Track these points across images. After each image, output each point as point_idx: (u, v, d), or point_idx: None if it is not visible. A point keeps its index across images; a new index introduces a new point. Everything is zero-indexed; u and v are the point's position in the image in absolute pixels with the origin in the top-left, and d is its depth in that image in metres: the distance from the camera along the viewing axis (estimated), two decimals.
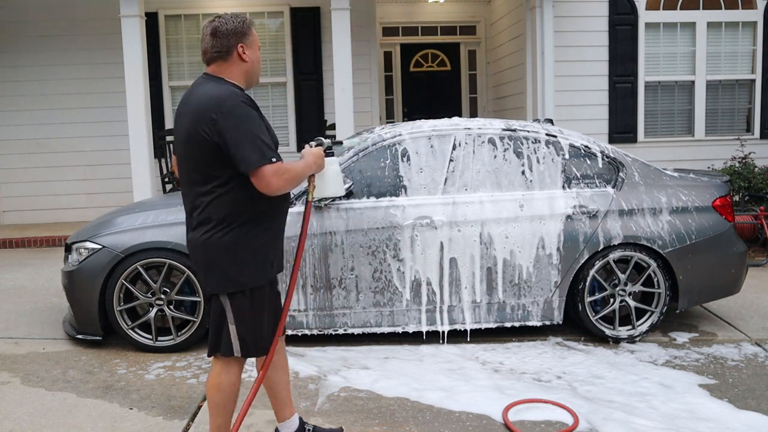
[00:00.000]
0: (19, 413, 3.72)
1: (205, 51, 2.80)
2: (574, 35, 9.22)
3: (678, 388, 3.96)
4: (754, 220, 7.22)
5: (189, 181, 2.78)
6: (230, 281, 2.77)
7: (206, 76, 2.82)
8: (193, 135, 2.69)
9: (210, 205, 2.73)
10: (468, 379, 4.11)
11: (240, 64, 2.81)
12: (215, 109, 2.64)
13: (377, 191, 4.67)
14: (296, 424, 3.21)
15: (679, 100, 9.52)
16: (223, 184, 2.71)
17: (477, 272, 4.64)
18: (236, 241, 2.75)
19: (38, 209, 9.50)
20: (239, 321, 2.81)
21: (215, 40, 2.77)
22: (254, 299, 2.82)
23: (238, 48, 2.78)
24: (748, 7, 9.36)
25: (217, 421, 2.92)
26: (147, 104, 7.64)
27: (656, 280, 4.77)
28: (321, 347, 4.66)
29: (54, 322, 5.28)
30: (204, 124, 2.65)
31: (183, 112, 2.77)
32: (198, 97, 2.72)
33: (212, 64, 2.81)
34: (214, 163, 2.68)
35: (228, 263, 2.75)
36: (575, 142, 4.88)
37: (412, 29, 12.10)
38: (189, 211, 2.83)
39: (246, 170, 2.64)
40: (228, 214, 2.73)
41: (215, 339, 2.86)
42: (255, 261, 2.79)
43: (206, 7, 9.56)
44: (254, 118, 2.69)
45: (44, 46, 9.33)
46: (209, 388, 2.90)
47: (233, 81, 2.80)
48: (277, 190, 2.68)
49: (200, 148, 2.68)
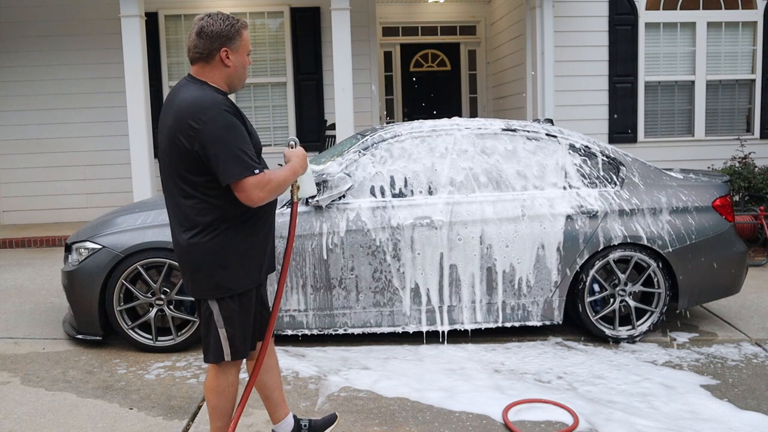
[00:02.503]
0: (19, 413, 3.72)
1: (189, 49, 2.73)
2: (574, 35, 9.22)
3: (679, 389, 3.96)
4: (754, 220, 7.22)
5: (171, 186, 2.70)
6: (217, 286, 2.72)
7: (189, 78, 2.74)
8: (173, 142, 2.61)
9: (194, 209, 2.66)
10: (468, 379, 4.11)
11: (222, 69, 2.71)
12: (196, 117, 2.55)
13: (377, 191, 4.67)
14: (291, 424, 3.20)
15: (679, 100, 9.52)
16: (206, 189, 2.63)
17: (477, 272, 4.64)
18: (223, 245, 2.68)
19: (38, 209, 9.50)
20: (228, 324, 2.76)
21: (199, 40, 2.68)
22: (243, 302, 2.78)
23: (222, 52, 2.68)
24: (748, 7, 9.36)
25: (216, 423, 2.92)
26: (147, 104, 7.64)
27: (656, 280, 4.76)
28: (321, 347, 4.66)
29: (54, 322, 5.28)
30: (184, 133, 2.57)
31: (164, 115, 2.69)
32: (179, 102, 2.63)
33: (195, 65, 2.73)
34: (196, 170, 2.61)
35: (215, 268, 2.69)
36: (575, 142, 4.88)
37: (412, 29, 12.10)
38: (173, 216, 2.75)
39: (227, 182, 2.56)
40: (213, 219, 2.66)
41: (206, 344, 2.83)
42: (242, 265, 2.73)
43: (206, 7, 9.55)
44: (236, 127, 2.59)
45: (44, 46, 9.33)
46: (207, 391, 2.89)
47: (215, 84, 2.71)
48: (259, 202, 2.61)
49: (180, 154, 2.60)
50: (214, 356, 2.81)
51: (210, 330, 2.79)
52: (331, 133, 9.15)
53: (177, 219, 2.72)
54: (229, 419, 2.93)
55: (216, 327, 2.77)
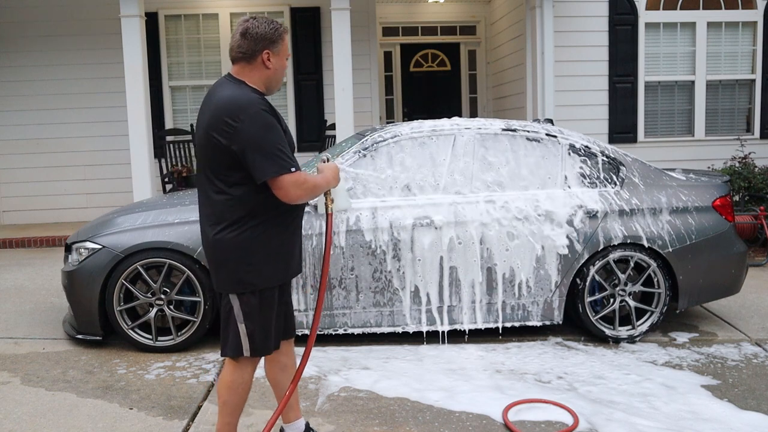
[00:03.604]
0: (19, 413, 3.71)
1: (231, 48, 2.82)
2: (574, 35, 9.22)
3: (680, 389, 3.96)
4: (754, 220, 7.22)
5: (204, 180, 2.79)
6: (239, 282, 2.77)
7: (228, 77, 2.83)
8: (209, 138, 2.69)
9: (223, 205, 2.73)
10: (468, 379, 4.11)
11: (262, 70, 2.80)
12: (233, 115, 2.63)
13: (377, 191, 4.67)
14: (302, 428, 3.21)
15: (679, 100, 9.52)
16: (239, 186, 2.71)
17: (477, 272, 4.64)
18: (248, 241, 2.74)
19: (38, 209, 9.50)
20: (249, 319, 2.81)
21: (243, 40, 2.77)
22: (263, 299, 2.82)
23: (264, 54, 2.78)
24: (748, 7, 9.36)
25: (225, 420, 2.92)
26: (147, 104, 7.63)
27: (656, 280, 4.76)
28: (321, 347, 4.66)
29: (54, 322, 5.27)
30: (220, 130, 2.65)
31: (202, 113, 2.78)
32: (216, 100, 2.71)
33: (236, 64, 2.83)
34: (229, 167, 2.69)
35: (239, 263, 2.75)
36: (575, 142, 4.88)
37: (412, 29, 12.10)
38: (202, 210, 2.84)
39: (263, 179, 2.65)
40: (241, 215, 2.73)
41: (224, 338, 2.87)
42: (267, 263, 2.78)
43: (206, 7, 9.56)
44: (273, 127, 2.68)
45: (44, 46, 9.33)
46: (220, 386, 2.90)
47: (254, 85, 2.79)
48: (296, 199, 2.70)
49: (215, 151, 2.68)
50: (232, 350, 2.84)
51: (229, 324, 2.84)
52: (331, 133, 9.15)
53: (206, 213, 2.81)
54: (238, 417, 2.94)
55: (236, 322, 2.81)
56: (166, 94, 9.62)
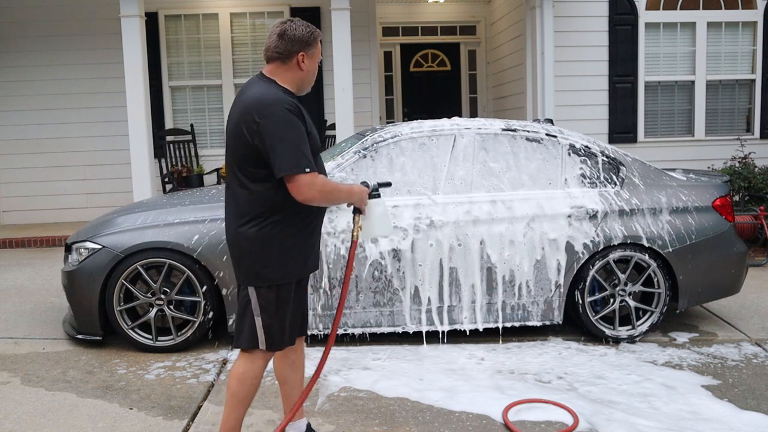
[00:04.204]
0: (19, 413, 3.72)
1: (268, 48, 2.89)
2: (574, 35, 9.22)
3: (680, 389, 3.96)
4: (754, 220, 7.22)
5: (231, 175, 2.86)
6: (258, 276, 2.82)
7: (260, 76, 2.90)
8: (236, 133, 2.77)
9: (247, 199, 2.79)
10: (468, 379, 4.11)
11: (296, 71, 2.89)
12: (259, 112, 2.71)
13: (377, 191, 4.66)
14: (303, 428, 3.22)
15: (679, 100, 9.52)
16: (262, 182, 2.77)
17: (477, 272, 4.64)
18: (268, 237, 2.80)
19: (38, 209, 9.50)
20: (265, 313, 2.85)
21: (280, 41, 2.85)
22: (280, 293, 2.86)
23: (299, 55, 2.86)
24: (748, 7, 9.36)
25: (231, 413, 2.93)
26: (147, 104, 7.63)
27: (656, 280, 4.76)
28: (321, 347, 4.66)
29: (54, 322, 5.27)
30: (247, 126, 2.72)
31: (233, 110, 2.86)
32: (246, 98, 2.79)
33: (270, 64, 2.89)
34: (254, 162, 2.75)
35: (256, 257, 2.80)
36: (575, 142, 4.88)
37: (412, 29, 12.10)
38: (228, 204, 2.90)
39: (279, 175, 2.70)
40: (263, 210, 2.79)
41: (239, 330, 2.90)
42: (285, 258, 2.83)
43: (206, 7, 9.56)
44: (295, 125, 2.74)
45: (44, 46, 9.33)
46: (231, 378, 2.92)
47: (285, 85, 2.87)
48: (309, 200, 2.74)
49: (242, 146, 2.76)
50: (246, 342, 2.88)
51: (245, 316, 2.88)
52: (331, 133, 9.15)
53: (231, 207, 2.87)
54: (244, 411, 2.95)
55: (252, 315, 2.86)
56: (166, 94, 9.62)
